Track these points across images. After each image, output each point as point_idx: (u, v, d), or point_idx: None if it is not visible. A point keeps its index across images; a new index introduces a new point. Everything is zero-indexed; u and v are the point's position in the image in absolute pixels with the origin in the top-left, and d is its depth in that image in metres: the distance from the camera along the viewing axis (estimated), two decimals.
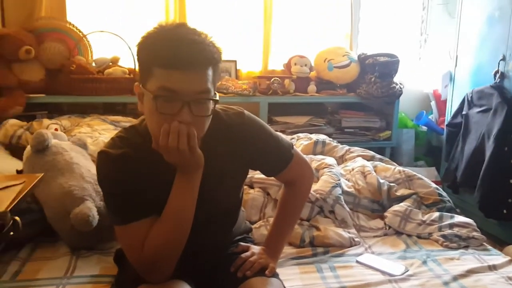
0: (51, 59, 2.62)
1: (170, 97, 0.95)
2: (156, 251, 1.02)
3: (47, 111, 2.65)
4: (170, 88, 0.95)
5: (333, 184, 1.82)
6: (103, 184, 1.08)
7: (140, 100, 1.04)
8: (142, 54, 1.00)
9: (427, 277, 1.41)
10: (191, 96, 0.96)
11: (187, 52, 0.94)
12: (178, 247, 1.05)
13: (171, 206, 1.03)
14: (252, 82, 2.96)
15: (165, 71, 0.95)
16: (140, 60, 1.01)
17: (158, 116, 0.96)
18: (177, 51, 0.94)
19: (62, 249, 1.53)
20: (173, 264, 1.06)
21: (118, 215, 1.06)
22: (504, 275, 1.42)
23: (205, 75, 0.97)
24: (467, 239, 1.66)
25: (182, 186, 1.03)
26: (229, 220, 1.28)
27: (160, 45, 0.96)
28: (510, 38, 2.57)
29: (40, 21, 2.67)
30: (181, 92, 0.95)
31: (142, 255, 1.03)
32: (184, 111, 0.95)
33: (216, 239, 1.23)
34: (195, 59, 0.95)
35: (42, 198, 1.56)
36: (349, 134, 3.10)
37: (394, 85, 2.99)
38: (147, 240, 1.02)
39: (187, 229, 1.05)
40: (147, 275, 1.05)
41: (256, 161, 1.22)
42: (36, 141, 1.59)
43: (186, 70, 0.95)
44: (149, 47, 0.98)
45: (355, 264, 1.49)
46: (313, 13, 3.31)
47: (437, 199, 1.88)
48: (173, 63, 0.94)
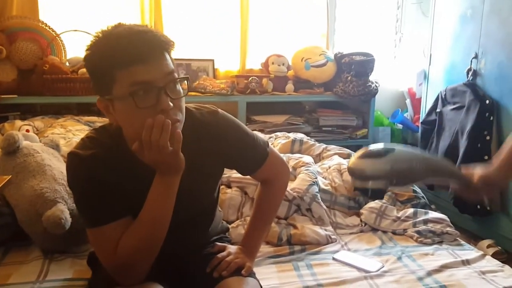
0: (23, 59, 2.57)
1: (146, 88, 0.94)
2: (129, 255, 1.00)
3: (19, 112, 2.60)
4: (142, 81, 0.94)
5: (310, 182, 1.83)
6: (73, 186, 1.06)
7: (108, 112, 1.00)
8: (96, 65, 0.97)
9: (402, 273, 1.42)
10: (163, 81, 0.96)
11: (142, 43, 0.94)
12: (152, 252, 1.03)
13: (147, 210, 1.01)
14: (230, 81, 2.96)
15: (129, 69, 0.93)
16: (95, 71, 0.98)
17: (138, 114, 0.94)
18: (132, 46, 0.93)
19: (35, 253, 1.49)
20: (147, 268, 1.04)
21: (89, 217, 1.04)
22: (477, 270, 1.45)
23: (166, 59, 0.98)
24: (441, 234, 1.68)
25: (160, 191, 1.00)
26: (205, 220, 1.27)
27: (113, 48, 0.94)
28: (482, 36, 2.63)
29: (12, 20, 2.61)
30: (154, 80, 0.94)
31: (114, 258, 1.01)
32: (162, 98, 0.95)
33: (192, 239, 1.22)
34: (152, 47, 0.95)
35: (13, 201, 1.52)
36: (327, 132, 3.12)
37: (370, 84, 3.03)
38: (121, 243, 1.00)
39: (163, 234, 1.03)
40: (120, 279, 1.04)
41: (231, 159, 1.21)
42: (6, 143, 1.55)
43: (148, 60, 0.94)
44: (102, 55, 0.95)
45: (331, 261, 1.50)
46: (289, 12, 3.33)
47: (412, 196, 1.91)
48: (134, 59, 0.93)
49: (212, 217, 1.29)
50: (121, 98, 0.95)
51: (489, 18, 2.57)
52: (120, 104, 0.96)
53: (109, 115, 1.01)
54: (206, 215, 1.26)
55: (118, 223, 1.02)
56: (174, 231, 1.07)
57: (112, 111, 0.99)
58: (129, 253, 1.00)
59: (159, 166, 0.98)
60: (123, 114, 0.97)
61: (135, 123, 0.96)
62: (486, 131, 2.49)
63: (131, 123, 0.97)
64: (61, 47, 2.72)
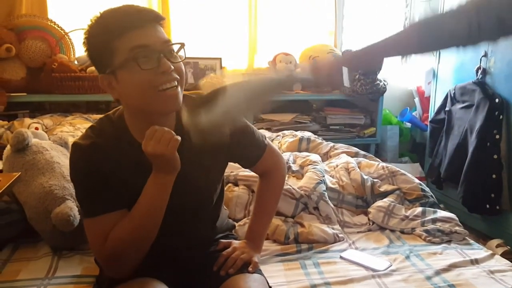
0: (32, 58, 2.59)
1: (145, 51, 0.97)
2: (116, 246, 1.01)
3: (28, 110, 2.62)
4: (141, 44, 0.97)
5: (317, 180, 1.82)
6: (72, 175, 1.08)
7: (111, 87, 1.02)
8: (94, 42, 1.01)
9: (410, 272, 1.41)
10: (161, 46, 0.99)
11: (139, 12, 0.99)
12: (140, 247, 1.04)
13: (139, 206, 1.02)
14: None
15: (128, 35, 0.97)
16: (95, 49, 1.01)
17: (141, 76, 0.97)
18: (130, 14, 0.99)
19: (44, 250, 1.50)
20: (134, 263, 1.05)
21: (85, 207, 1.06)
22: (486, 269, 1.44)
23: (161, 29, 1.02)
24: (449, 233, 1.67)
25: (154, 189, 1.01)
26: (210, 215, 1.27)
27: (113, 18, 0.99)
28: None
29: (21, 18, 2.63)
30: (153, 44, 0.98)
31: (103, 249, 1.03)
32: (163, 61, 0.98)
33: (198, 235, 1.22)
34: (148, 16, 1.00)
35: (22, 198, 1.53)
36: (334, 131, 3.11)
37: (378, 82, 3.01)
38: (111, 234, 1.02)
39: (152, 231, 1.04)
40: (108, 270, 1.06)
41: (234, 151, 1.22)
42: (15, 140, 1.56)
43: (145, 26, 0.98)
44: (98, 31, 1.00)
45: (339, 260, 1.50)
46: (297, 10, 3.32)
47: (420, 195, 1.90)
48: (129, 26, 0.97)
49: (217, 212, 1.30)
50: (123, 65, 0.97)
51: None
52: (122, 73, 0.99)
53: (113, 90, 1.03)
54: (211, 210, 1.26)
55: (112, 215, 1.03)
56: (179, 226, 1.08)
57: (116, 84, 1.01)
58: (116, 245, 1.01)
59: (158, 160, 0.98)
60: (126, 82, 0.99)
61: (139, 87, 0.98)
62: (495, 130, 2.47)
63: (136, 88, 0.99)
64: (69, 45, 2.73)
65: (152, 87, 0.98)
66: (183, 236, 1.13)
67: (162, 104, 1.01)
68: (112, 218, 1.03)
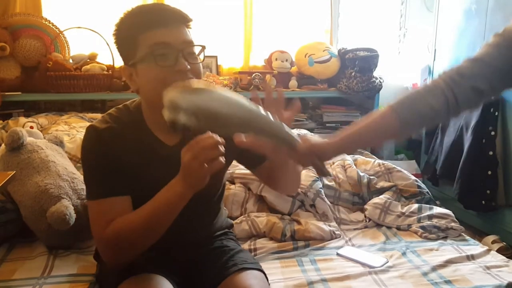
0: (27, 56, 2.57)
1: (165, 49, 1.01)
2: (119, 235, 1.01)
3: (23, 109, 2.60)
4: (163, 42, 1.02)
5: (313, 178, 1.83)
6: (83, 156, 1.10)
7: (131, 79, 1.07)
8: (121, 33, 1.06)
9: (407, 268, 1.42)
10: (182, 46, 1.03)
11: (166, 11, 1.05)
12: (140, 244, 1.04)
13: (153, 205, 1.00)
14: (233, 78, 2.95)
15: (153, 32, 1.02)
16: (121, 40, 1.07)
17: (158, 72, 1.01)
18: (157, 13, 1.04)
19: (39, 249, 1.50)
20: (129, 256, 1.06)
21: (91, 188, 1.09)
22: (482, 265, 1.44)
23: (186, 30, 1.06)
24: (445, 230, 1.68)
25: (174, 194, 0.98)
26: (211, 212, 1.27)
27: (140, 14, 1.05)
28: (486, 31, 2.61)
29: (15, 17, 2.61)
30: (173, 43, 1.02)
31: (102, 234, 1.03)
32: (180, 60, 1.02)
33: (197, 232, 1.23)
34: (174, 15, 1.05)
35: (18, 197, 1.52)
36: (331, 128, 3.10)
37: (374, 80, 3.01)
38: (114, 222, 1.02)
39: (158, 232, 1.03)
40: (102, 253, 1.08)
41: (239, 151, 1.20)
42: (10, 139, 1.56)
43: (170, 25, 1.03)
44: (126, 24, 1.05)
45: (335, 256, 1.50)
46: (293, 8, 3.31)
47: (416, 191, 1.90)
48: (155, 23, 1.02)
49: (217, 209, 1.30)
50: (143, 59, 1.02)
51: (493, 13, 2.55)
52: (142, 66, 1.03)
53: (132, 82, 1.08)
54: (212, 207, 1.27)
55: (117, 200, 1.04)
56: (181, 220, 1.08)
57: (135, 77, 1.06)
58: (118, 234, 1.02)
59: (188, 172, 0.94)
60: (144, 76, 1.04)
61: (154, 82, 1.01)
62: (491, 127, 2.48)
63: (151, 83, 1.03)
64: (64, 44, 2.71)
65: (166, 84, 0.95)
66: (183, 232, 1.14)
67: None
68: (116, 202, 1.04)
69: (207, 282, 1.15)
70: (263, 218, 1.67)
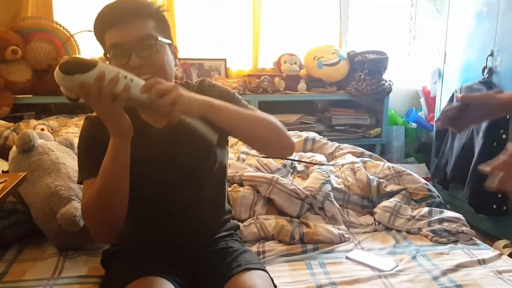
0: (38, 59, 2.60)
1: (116, 49, 1.06)
2: (86, 206, 1.09)
3: (34, 111, 2.63)
4: (114, 43, 1.06)
5: (322, 181, 1.82)
6: (78, 143, 1.19)
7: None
8: (95, 32, 1.11)
9: (417, 272, 1.40)
10: (134, 43, 1.05)
11: (119, 8, 1.07)
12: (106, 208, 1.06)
13: (101, 169, 1.05)
14: (242, 81, 2.96)
15: (109, 32, 1.07)
16: (96, 39, 1.12)
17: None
18: (114, 12, 1.07)
19: (49, 250, 1.51)
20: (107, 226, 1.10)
21: (81, 170, 1.15)
22: (494, 269, 1.42)
23: (143, 24, 1.08)
24: (456, 233, 1.66)
25: (110, 152, 1.03)
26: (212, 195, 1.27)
27: (102, 16, 1.09)
28: (498, 33, 2.59)
29: (27, 21, 2.64)
30: (125, 42, 1.05)
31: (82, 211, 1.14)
32: (132, 58, 1.05)
33: (202, 216, 1.24)
34: (127, 11, 1.07)
35: (28, 198, 1.54)
36: (340, 131, 3.10)
37: (383, 82, 3.00)
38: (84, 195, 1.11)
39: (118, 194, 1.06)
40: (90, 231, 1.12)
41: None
42: (21, 141, 1.57)
43: (123, 23, 1.05)
44: (97, 22, 1.10)
45: (344, 260, 1.49)
46: (302, 11, 3.32)
47: (426, 195, 1.89)
48: (112, 24, 1.06)
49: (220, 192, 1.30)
50: (108, 59, 1.09)
51: (505, 15, 2.53)
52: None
53: None
54: (212, 189, 1.26)
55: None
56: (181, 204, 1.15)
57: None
58: (85, 207, 1.09)
59: (104, 119, 0.99)
60: None
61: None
62: (502, 130, 2.46)
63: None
64: (75, 47, 2.74)
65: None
66: (187, 216, 1.19)
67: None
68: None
69: (211, 284, 1.15)
70: (272, 220, 1.67)
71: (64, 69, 0.91)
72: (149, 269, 1.10)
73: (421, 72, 3.52)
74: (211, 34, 3.16)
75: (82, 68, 0.91)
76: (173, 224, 1.20)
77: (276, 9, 3.26)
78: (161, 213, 1.21)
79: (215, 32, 3.15)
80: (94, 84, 0.91)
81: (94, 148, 1.09)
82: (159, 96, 0.93)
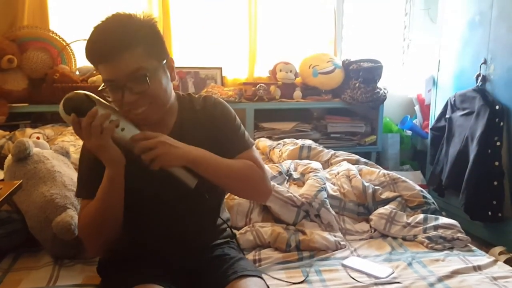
0: (34, 68, 2.60)
1: (111, 85, 1.06)
2: (82, 224, 1.16)
3: (30, 120, 2.62)
4: (106, 79, 1.06)
5: (318, 188, 1.82)
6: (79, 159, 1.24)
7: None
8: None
9: (413, 278, 1.41)
10: (125, 80, 1.04)
11: (106, 46, 1.03)
12: (101, 227, 1.12)
13: (97, 195, 1.11)
14: (237, 89, 2.97)
15: (101, 66, 1.06)
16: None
17: (115, 101, 1.08)
18: (99, 48, 1.04)
19: (45, 259, 1.50)
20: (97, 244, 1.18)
21: (77, 187, 1.23)
22: (489, 275, 1.43)
23: (131, 56, 1.04)
24: (451, 240, 1.67)
25: (104, 182, 1.09)
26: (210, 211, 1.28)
27: (88, 49, 1.06)
28: (490, 41, 2.62)
29: (23, 30, 2.65)
30: (115, 79, 1.05)
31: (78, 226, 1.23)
32: (125, 94, 1.05)
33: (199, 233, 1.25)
34: (112, 47, 1.03)
35: (24, 207, 1.53)
36: (335, 139, 3.11)
37: (378, 90, 3.02)
38: (80, 215, 1.18)
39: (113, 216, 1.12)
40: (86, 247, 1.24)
41: (218, 139, 1.21)
42: (17, 150, 1.57)
43: (111, 60, 1.03)
44: (86, 54, 1.07)
45: (340, 267, 1.49)
46: (297, 20, 3.34)
47: (422, 201, 1.89)
48: (100, 60, 1.05)
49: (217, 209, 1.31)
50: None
51: (497, 23, 2.57)
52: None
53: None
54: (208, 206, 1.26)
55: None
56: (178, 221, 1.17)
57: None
58: (81, 225, 1.18)
59: (96, 152, 1.05)
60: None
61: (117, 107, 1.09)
62: (496, 137, 2.47)
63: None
64: (71, 56, 2.75)
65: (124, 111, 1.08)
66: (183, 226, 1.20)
67: (136, 122, 1.10)
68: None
69: None
70: (268, 228, 1.67)
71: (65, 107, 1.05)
72: (146, 276, 1.10)
73: (416, 80, 3.55)
74: (207, 43, 3.17)
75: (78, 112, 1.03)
76: (169, 233, 1.21)
77: (271, 18, 3.28)
78: (157, 222, 1.21)
79: (211, 40, 3.17)
80: (85, 120, 1.01)
81: (93, 170, 1.13)
82: (142, 152, 1.04)
